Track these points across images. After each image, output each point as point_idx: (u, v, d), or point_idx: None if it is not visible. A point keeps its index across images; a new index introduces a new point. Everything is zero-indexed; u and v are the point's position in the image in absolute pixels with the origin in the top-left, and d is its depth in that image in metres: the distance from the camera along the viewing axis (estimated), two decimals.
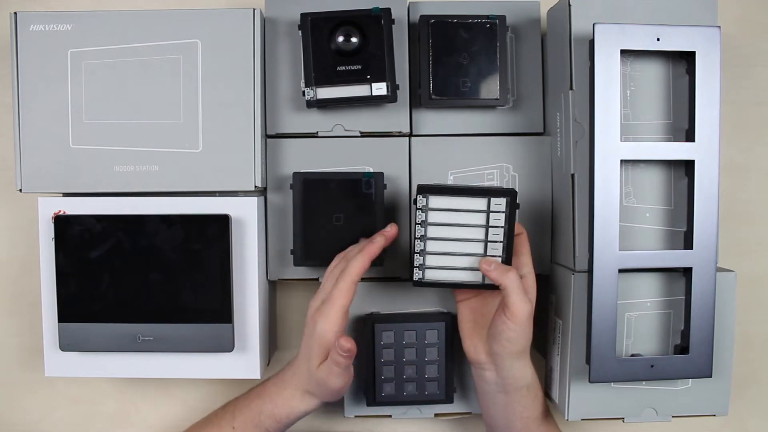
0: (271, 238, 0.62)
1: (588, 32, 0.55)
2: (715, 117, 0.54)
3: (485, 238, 0.55)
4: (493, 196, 0.54)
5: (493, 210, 0.54)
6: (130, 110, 0.58)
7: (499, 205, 0.54)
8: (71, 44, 0.58)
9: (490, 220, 0.54)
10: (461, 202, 0.54)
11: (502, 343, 0.54)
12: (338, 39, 0.58)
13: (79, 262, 0.58)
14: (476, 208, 0.54)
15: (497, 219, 0.54)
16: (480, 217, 0.54)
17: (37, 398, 0.70)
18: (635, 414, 0.58)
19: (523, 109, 0.62)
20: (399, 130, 0.61)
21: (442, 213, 0.55)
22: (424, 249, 0.55)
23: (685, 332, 0.55)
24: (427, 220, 0.55)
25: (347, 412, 0.63)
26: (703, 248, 0.54)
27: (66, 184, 0.59)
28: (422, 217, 0.55)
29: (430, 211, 0.55)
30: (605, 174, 0.53)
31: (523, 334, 0.53)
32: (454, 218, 0.55)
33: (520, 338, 0.53)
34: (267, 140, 0.62)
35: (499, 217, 0.54)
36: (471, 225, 0.55)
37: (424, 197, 0.54)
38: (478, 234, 0.55)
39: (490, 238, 0.55)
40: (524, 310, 0.52)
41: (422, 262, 0.55)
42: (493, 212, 0.54)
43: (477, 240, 0.55)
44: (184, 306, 0.58)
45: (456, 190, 0.55)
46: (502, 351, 0.54)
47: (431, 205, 0.54)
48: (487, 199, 0.54)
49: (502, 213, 0.54)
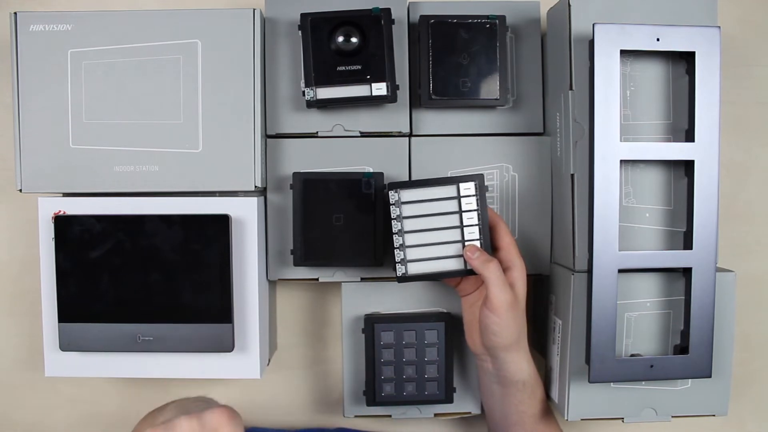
0: (271, 238, 0.62)
1: (588, 32, 0.55)
2: (715, 117, 0.54)
3: (460, 224, 0.56)
4: (461, 182, 0.56)
5: (464, 195, 0.56)
6: (130, 110, 0.58)
7: (468, 189, 0.56)
8: (71, 44, 0.58)
9: (462, 206, 0.56)
10: (431, 192, 0.57)
11: (489, 336, 0.55)
12: (338, 39, 0.58)
13: (79, 262, 0.58)
14: (447, 195, 0.57)
15: (469, 203, 0.56)
16: (452, 204, 0.56)
17: (37, 398, 0.70)
18: (635, 414, 0.58)
19: (523, 109, 0.62)
20: (399, 130, 0.61)
21: (415, 205, 0.57)
22: (403, 243, 0.57)
23: (685, 332, 0.55)
24: (402, 214, 0.57)
25: (347, 412, 0.63)
26: (702, 248, 0.54)
27: (66, 184, 0.59)
28: (396, 212, 0.56)
29: (403, 204, 0.57)
30: (605, 174, 0.53)
31: (506, 327, 0.54)
32: (427, 208, 0.57)
33: (504, 331, 0.54)
34: (267, 140, 0.62)
35: (470, 201, 0.56)
36: (445, 213, 0.57)
37: (396, 192, 0.56)
38: (453, 221, 0.57)
39: (465, 223, 0.56)
40: (504, 301, 0.53)
41: (403, 256, 0.57)
42: (464, 197, 0.56)
43: (453, 227, 0.57)
44: (184, 306, 0.58)
45: (425, 182, 0.57)
46: (490, 344, 0.55)
47: (403, 198, 0.57)
48: (456, 185, 0.56)
49: (473, 196, 0.56)
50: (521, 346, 0.57)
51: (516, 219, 0.62)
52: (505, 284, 0.54)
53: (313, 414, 0.72)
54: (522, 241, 0.62)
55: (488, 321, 0.54)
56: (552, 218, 0.62)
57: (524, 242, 0.62)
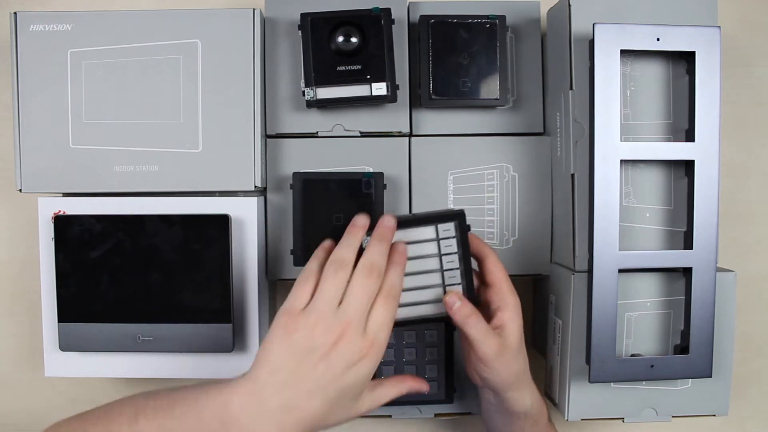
0: (271, 238, 0.62)
1: (588, 32, 0.55)
2: (715, 117, 0.54)
3: (440, 268, 0.52)
4: (440, 222, 0.52)
5: (443, 237, 0.52)
6: (130, 110, 0.58)
7: (447, 231, 0.52)
8: (71, 44, 0.58)
9: (441, 248, 0.52)
10: (410, 233, 0.52)
11: (484, 378, 0.52)
12: (338, 39, 0.58)
13: (79, 262, 0.58)
14: (425, 237, 0.52)
15: (449, 245, 0.52)
16: (432, 246, 0.52)
17: (37, 398, 0.70)
18: (635, 414, 0.58)
19: (523, 109, 0.62)
20: (399, 130, 0.61)
21: None
22: None
23: (685, 332, 0.55)
24: None
25: None
26: (703, 248, 0.54)
27: (66, 184, 0.59)
28: None
29: None
30: (605, 174, 0.53)
31: (499, 373, 0.51)
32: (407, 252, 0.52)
33: (497, 377, 0.51)
34: (267, 140, 0.62)
35: (450, 243, 0.52)
36: (425, 256, 0.52)
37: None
38: (433, 264, 0.52)
39: (445, 267, 0.52)
40: (490, 353, 0.50)
41: None
42: (443, 239, 0.52)
43: (433, 270, 0.52)
44: (184, 306, 0.58)
45: (403, 222, 0.52)
46: (488, 384, 0.53)
47: None
48: (434, 226, 0.52)
49: (453, 238, 0.52)
50: (522, 382, 0.53)
51: (516, 219, 0.62)
52: (488, 336, 0.50)
53: None
54: (522, 241, 0.62)
55: (478, 369, 0.52)
56: (552, 218, 0.62)
57: (524, 242, 0.62)
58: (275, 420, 0.44)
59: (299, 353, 0.44)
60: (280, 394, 0.44)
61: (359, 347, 0.45)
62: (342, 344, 0.44)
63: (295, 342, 0.44)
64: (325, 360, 0.44)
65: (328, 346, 0.44)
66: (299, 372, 0.44)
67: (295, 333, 0.44)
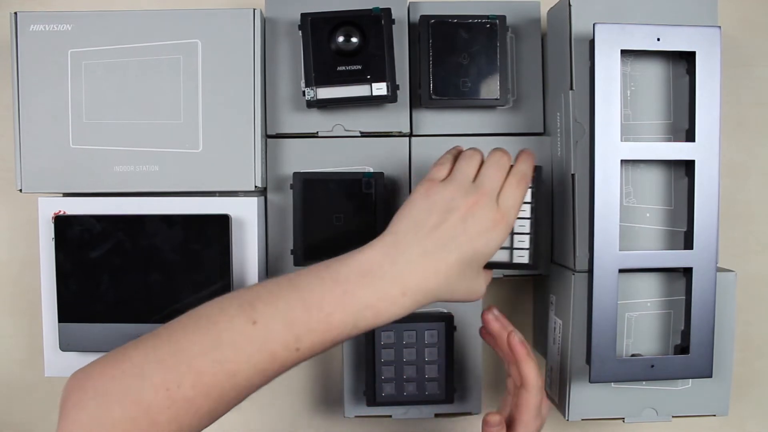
0: (271, 238, 0.62)
1: (588, 32, 0.55)
2: (715, 117, 0.54)
3: None
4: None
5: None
6: (130, 110, 0.58)
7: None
8: (71, 44, 0.58)
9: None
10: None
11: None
12: (338, 39, 0.58)
13: (79, 262, 0.58)
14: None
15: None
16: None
17: (37, 398, 0.70)
18: (635, 414, 0.58)
19: (523, 109, 0.62)
20: (399, 130, 0.61)
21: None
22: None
23: (686, 332, 0.55)
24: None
25: (347, 413, 0.63)
26: (703, 248, 0.54)
27: (66, 184, 0.59)
28: None
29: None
30: (605, 174, 0.53)
31: None
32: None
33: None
34: (267, 140, 0.62)
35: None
36: None
37: None
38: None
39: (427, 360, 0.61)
40: None
41: None
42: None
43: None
44: (184, 306, 0.58)
45: None
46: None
47: None
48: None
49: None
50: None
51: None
52: None
53: (313, 414, 0.72)
54: None
55: None
56: (552, 218, 0.62)
57: None
58: (414, 265, 0.45)
59: (439, 211, 0.47)
60: (420, 245, 0.46)
61: (493, 216, 0.47)
62: (477, 208, 0.47)
63: (435, 202, 0.47)
64: (463, 220, 0.47)
65: (465, 207, 0.47)
66: (439, 227, 0.46)
67: (435, 195, 0.48)
